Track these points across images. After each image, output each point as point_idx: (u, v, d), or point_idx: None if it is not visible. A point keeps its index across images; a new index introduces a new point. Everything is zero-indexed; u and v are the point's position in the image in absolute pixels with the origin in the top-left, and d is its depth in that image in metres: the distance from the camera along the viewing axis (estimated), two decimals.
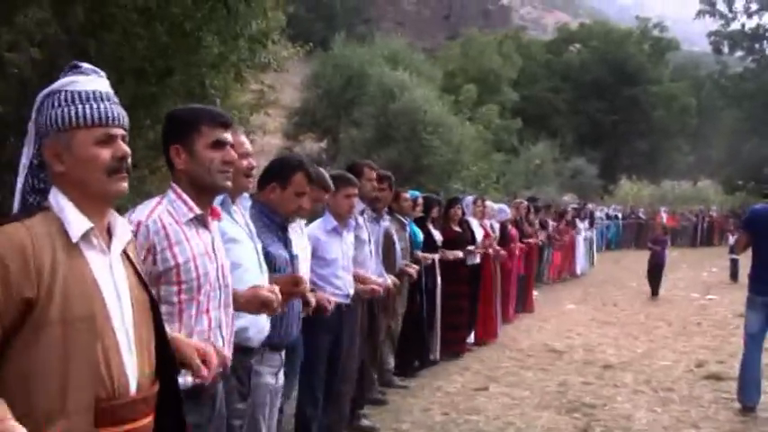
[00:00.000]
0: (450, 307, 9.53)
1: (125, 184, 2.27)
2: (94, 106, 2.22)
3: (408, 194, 8.70)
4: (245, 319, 3.50)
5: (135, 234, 2.75)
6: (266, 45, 11.79)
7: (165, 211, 2.96)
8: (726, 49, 49.41)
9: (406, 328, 8.36)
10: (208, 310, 2.98)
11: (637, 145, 53.86)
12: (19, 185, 2.31)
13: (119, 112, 2.30)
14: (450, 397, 7.95)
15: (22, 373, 2.04)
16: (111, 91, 2.32)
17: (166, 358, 2.37)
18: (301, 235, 4.92)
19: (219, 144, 3.00)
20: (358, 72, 28.55)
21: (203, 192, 3.04)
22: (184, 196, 3.01)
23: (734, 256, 18.98)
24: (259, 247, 3.72)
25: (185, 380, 2.74)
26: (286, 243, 4.38)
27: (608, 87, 53.61)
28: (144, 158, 11.73)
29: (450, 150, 25.10)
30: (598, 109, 53.46)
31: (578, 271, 21.09)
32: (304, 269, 4.69)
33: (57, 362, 2.05)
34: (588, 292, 17.71)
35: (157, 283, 2.84)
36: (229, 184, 3.10)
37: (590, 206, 26.70)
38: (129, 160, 2.30)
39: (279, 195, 4.28)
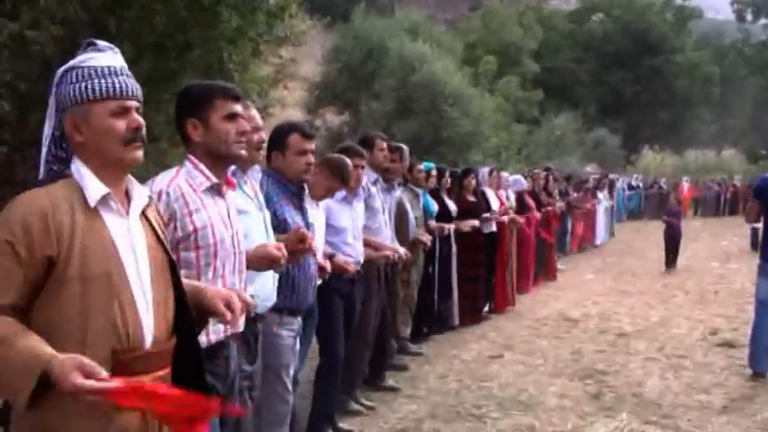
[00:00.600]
0: (467, 275, 9.69)
1: (140, 153, 2.42)
2: (109, 80, 2.35)
3: (422, 166, 8.83)
4: (252, 287, 3.63)
5: (158, 200, 2.94)
6: (284, 19, 11.87)
7: (184, 180, 3.14)
8: (749, 17, 48.88)
9: (419, 295, 8.53)
10: (224, 275, 3.16)
11: (659, 115, 53.44)
12: (43, 155, 2.44)
13: (133, 85, 2.42)
14: (466, 364, 8.11)
15: (47, 325, 2.21)
16: (125, 66, 2.43)
17: (184, 315, 2.50)
18: (317, 208, 5.10)
19: (233, 116, 3.17)
20: (378, 45, 28.51)
21: (219, 162, 3.22)
22: (201, 166, 3.18)
23: (755, 225, 18.89)
24: (268, 218, 3.86)
25: (201, 339, 2.86)
26: (302, 211, 4.54)
27: (630, 57, 53.11)
28: (164, 132, 11.89)
29: (470, 122, 25.16)
30: (620, 79, 53.03)
31: (598, 241, 21.12)
32: (318, 239, 4.84)
33: (76, 316, 2.22)
34: (607, 261, 17.78)
35: (177, 249, 3.02)
36: (245, 153, 3.30)
37: (611, 176, 26.58)
38: (144, 130, 2.44)
39: (282, 161, 4.44)
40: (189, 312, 2.52)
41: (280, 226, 4.16)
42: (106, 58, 2.40)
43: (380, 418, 6.27)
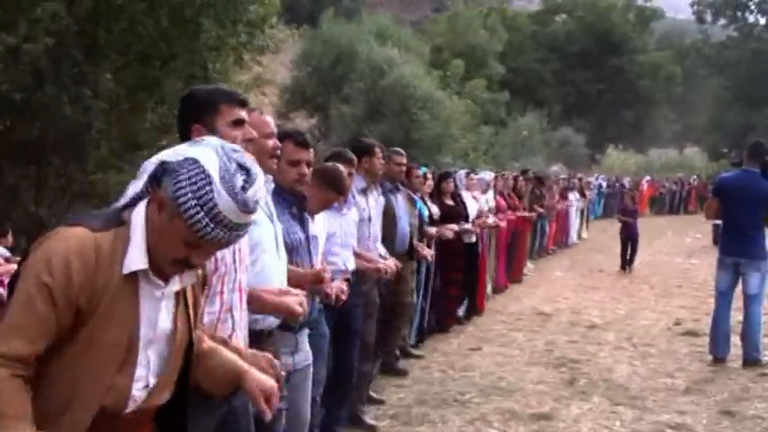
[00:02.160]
0: (444, 278, 9.59)
1: (177, 275, 2.25)
2: (217, 231, 2.08)
3: (420, 170, 8.75)
4: None
5: None
6: (264, 30, 12.33)
7: None
8: (709, 18, 50.01)
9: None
10: (222, 293, 3.00)
11: (623, 114, 54.43)
12: (134, 190, 2.22)
13: (228, 240, 2.16)
14: (447, 356, 8.60)
15: (41, 375, 2.09)
16: (249, 220, 2.15)
17: (182, 386, 2.38)
18: (319, 218, 4.82)
19: (239, 122, 3.01)
20: (347, 49, 29.01)
21: None
22: None
23: (716, 222, 19.48)
24: (279, 230, 3.73)
25: None
26: (303, 223, 4.31)
27: (594, 57, 54.06)
28: (148, 140, 12.30)
29: (439, 125, 25.75)
30: (584, 79, 53.96)
31: (571, 241, 21.37)
32: (320, 251, 4.65)
33: (69, 378, 2.11)
34: (576, 259, 18.36)
35: None
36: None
37: (580, 176, 26.96)
38: (200, 271, 2.35)
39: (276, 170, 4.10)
40: (187, 381, 2.39)
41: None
42: (239, 214, 2.09)
43: (372, 405, 6.72)
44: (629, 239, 16.28)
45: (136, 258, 2.13)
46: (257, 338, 3.30)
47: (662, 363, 8.22)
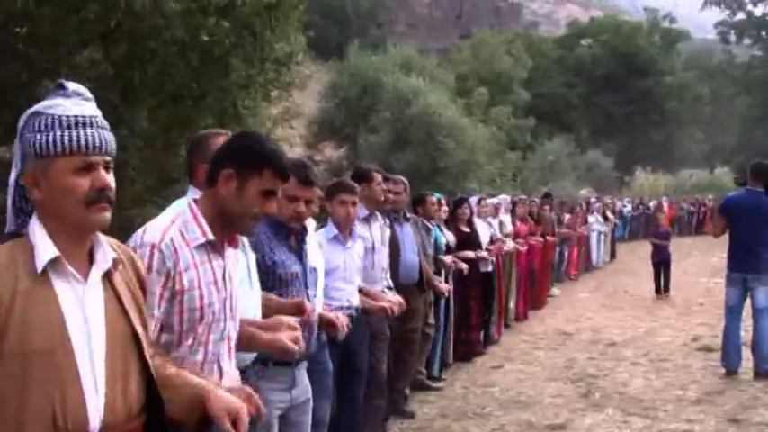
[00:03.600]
0: (464, 309, 9.41)
1: (105, 215, 2.13)
2: (74, 133, 2.07)
3: (434, 197, 8.63)
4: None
5: (149, 255, 2.66)
6: (290, 67, 12.88)
7: (178, 231, 2.77)
8: (733, 38, 50.23)
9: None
10: (206, 343, 2.81)
11: (651, 136, 54.66)
12: (9, 204, 2.19)
13: (103, 138, 2.13)
14: (470, 374, 9.01)
15: None
16: (97, 114, 2.15)
17: (151, 392, 2.23)
18: (319, 250, 4.64)
19: (271, 194, 2.85)
20: (373, 80, 29.66)
21: (224, 224, 2.85)
22: (201, 219, 2.81)
23: None
24: (252, 261, 3.58)
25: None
26: (300, 255, 4.11)
27: (620, 80, 54.47)
28: (181, 177, 12.85)
29: (465, 152, 26.29)
30: (611, 102, 54.34)
31: (594, 262, 21.31)
32: (319, 285, 4.44)
33: (13, 396, 1.97)
34: (602, 281, 18.67)
35: (167, 307, 2.72)
36: (252, 231, 3.02)
37: (606, 199, 27.00)
38: (113, 191, 2.16)
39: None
40: (156, 389, 2.24)
41: (268, 271, 3.81)
42: (75, 105, 2.11)
43: (397, 419, 7.14)
44: (662, 263, 15.67)
45: (44, 251, 2.04)
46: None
47: (676, 376, 8.57)
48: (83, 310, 2.06)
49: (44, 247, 2.04)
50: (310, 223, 4.35)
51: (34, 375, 1.96)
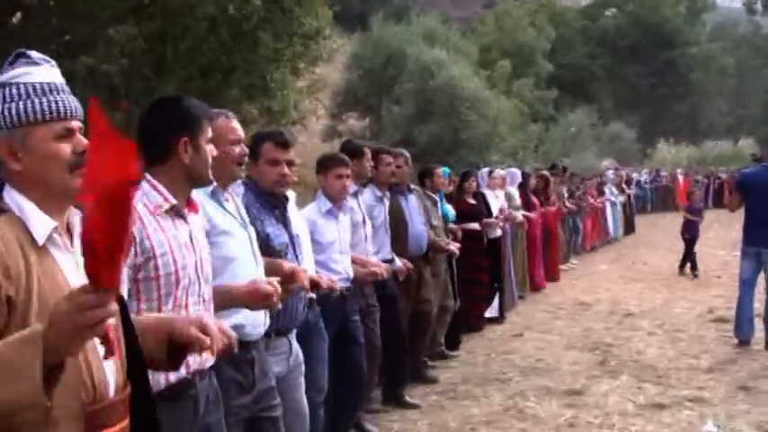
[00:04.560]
0: (469, 279, 9.30)
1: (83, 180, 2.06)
2: (51, 99, 2.07)
3: (441, 170, 8.68)
4: (241, 315, 3.42)
5: None
6: (318, 42, 13.16)
7: (140, 202, 2.81)
8: (759, 9, 49.85)
9: None
10: (186, 306, 2.86)
11: (676, 107, 54.43)
12: None
13: (75, 103, 2.14)
14: (491, 342, 9.37)
15: None
16: (63, 81, 2.16)
17: (136, 357, 2.18)
18: (299, 216, 4.72)
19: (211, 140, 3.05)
20: (397, 51, 29.70)
21: (188, 185, 2.99)
22: (160, 187, 2.90)
23: None
24: (253, 235, 3.65)
25: (159, 380, 2.72)
26: (285, 223, 4.22)
27: (645, 51, 54.16)
28: None
29: (488, 124, 26.45)
30: (635, 73, 54.11)
31: (611, 236, 21.19)
32: (306, 250, 4.55)
33: None
34: (622, 253, 18.92)
35: (137, 277, 2.75)
36: (238, 173, 3.52)
37: (623, 171, 26.96)
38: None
39: (255, 170, 4.13)
40: (141, 353, 2.19)
41: (262, 243, 3.81)
42: (45, 72, 2.12)
43: (420, 384, 7.50)
44: (692, 240, 14.99)
45: (41, 223, 2.02)
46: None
47: (689, 346, 8.88)
48: (80, 277, 1.98)
49: (41, 220, 2.02)
50: (290, 194, 4.42)
51: None
